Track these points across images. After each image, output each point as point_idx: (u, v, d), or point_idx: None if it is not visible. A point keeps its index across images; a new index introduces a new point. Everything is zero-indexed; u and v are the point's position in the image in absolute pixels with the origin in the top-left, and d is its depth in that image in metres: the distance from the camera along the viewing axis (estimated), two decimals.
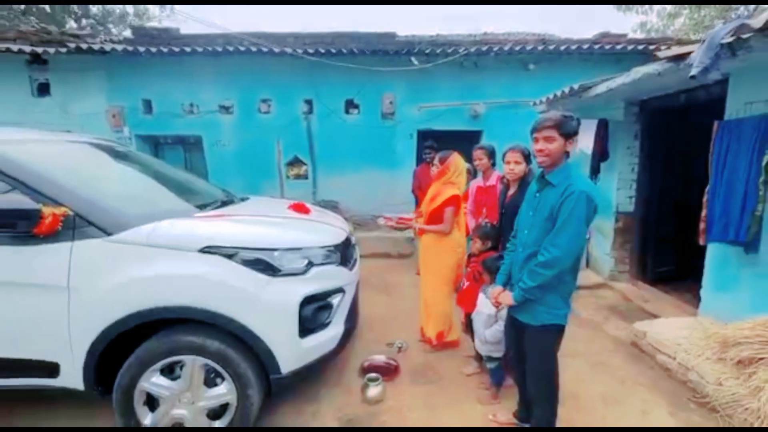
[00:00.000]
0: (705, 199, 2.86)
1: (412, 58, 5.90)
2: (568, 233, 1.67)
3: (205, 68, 6.19)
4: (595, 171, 4.26)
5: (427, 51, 5.88)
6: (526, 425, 2.13)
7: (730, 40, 2.23)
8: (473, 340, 2.65)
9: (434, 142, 5.10)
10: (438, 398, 2.51)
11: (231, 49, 5.73)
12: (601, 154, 4.20)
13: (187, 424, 1.97)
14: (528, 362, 1.93)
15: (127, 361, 1.90)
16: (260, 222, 2.39)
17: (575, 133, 1.75)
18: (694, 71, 2.30)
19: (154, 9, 24.07)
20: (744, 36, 2.17)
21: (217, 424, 2.00)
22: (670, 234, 4.38)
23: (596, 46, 5.85)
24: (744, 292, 2.75)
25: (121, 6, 23.16)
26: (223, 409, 2.00)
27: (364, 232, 6.47)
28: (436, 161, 2.97)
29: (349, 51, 5.84)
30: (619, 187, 4.32)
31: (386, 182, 6.46)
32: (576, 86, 3.87)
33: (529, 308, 1.84)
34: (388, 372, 2.73)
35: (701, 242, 2.93)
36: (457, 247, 2.85)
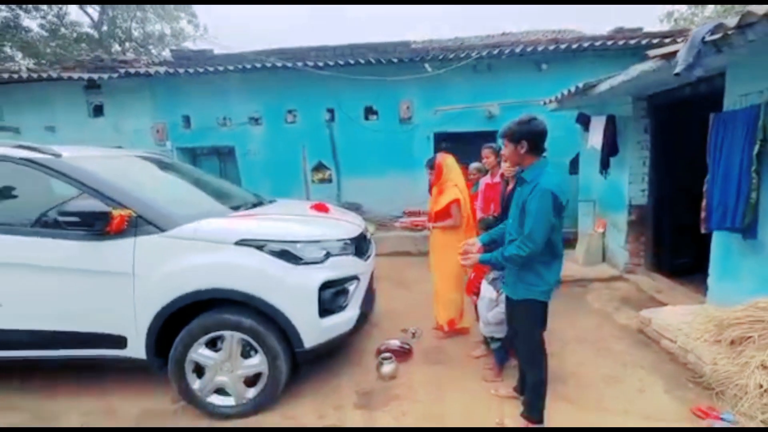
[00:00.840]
0: (705, 188, 2.96)
1: (426, 65, 6.17)
2: (538, 228, 1.89)
3: (236, 84, 6.76)
4: (605, 166, 4.36)
5: (441, 57, 6.14)
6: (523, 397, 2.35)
7: (714, 38, 2.38)
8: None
9: (449, 144, 5.35)
10: (446, 376, 2.77)
11: (258, 66, 6.24)
12: (610, 149, 4.30)
13: (228, 389, 2.35)
14: (516, 333, 2.17)
15: (179, 336, 2.30)
16: (285, 219, 2.76)
17: (527, 136, 1.96)
18: (678, 69, 2.45)
19: (189, 29, 25.57)
20: (728, 33, 2.31)
21: (252, 391, 2.36)
22: (686, 226, 4.38)
23: (610, 42, 5.89)
24: (745, 277, 2.82)
25: (159, 28, 24.78)
26: (256, 377, 2.36)
27: (385, 232, 6.79)
28: (426, 170, 3.25)
29: (366, 61, 6.19)
30: (631, 181, 4.39)
31: (406, 184, 6.75)
32: (580, 85, 4.01)
33: (512, 285, 2.11)
34: (402, 354, 3.00)
35: (702, 230, 3.02)
36: (462, 240, 3.10)
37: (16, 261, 2.27)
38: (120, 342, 2.33)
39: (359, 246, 2.82)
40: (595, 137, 4.47)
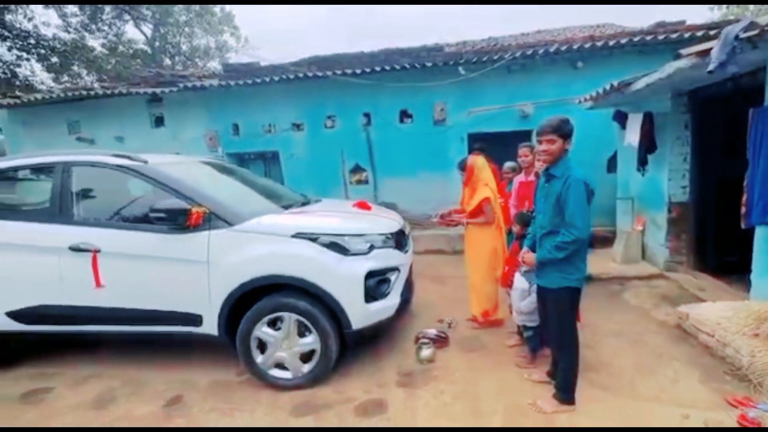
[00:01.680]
0: (745, 183, 2.95)
1: (460, 69, 6.33)
2: (579, 215, 2.08)
3: (279, 93, 7.25)
4: (642, 163, 4.35)
5: (474, 60, 6.29)
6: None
7: (750, 34, 2.42)
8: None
9: (483, 144, 5.49)
10: (481, 362, 2.96)
11: (301, 75, 6.68)
12: (648, 146, 4.29)
13: (286, 364, 2.67)
14: (549, 321, 2.33)
15: (245, 316, 2.65)
16: (333, 215, 3.08)
17: (571, 134, 2.16)
18: (711, 67, 2.50)
19: (231, 41, 27.04)
20: (766, 29, 2.35)
21: (307, 366, 2.68)
22: (732, 222, 4.27)
23: (650, 38, 5.78)
24: None
25: (205, 42, 26.40)
26: (310, 354, 2.67)
27: (420, 231, 7.00)
28: (457, 170, 3.44)
29: (401, 67, 6.45)
30: (670, 178, 4.34)
31: (440, 184, 6.93)
32: (615, 84, 4.05)
33: (547, 275, 2.26)
34: (439, 342, 3.22)
35: (743, 225, 3.01)
36: (494, 236, 3.29)
37: (115, 250, 2.71)
38: (197, 320, 2.73)
39: (399, 240, 3.07)
40: (633, 134, 4.46)
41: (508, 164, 4.28)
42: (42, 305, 2.83)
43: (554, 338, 2.37)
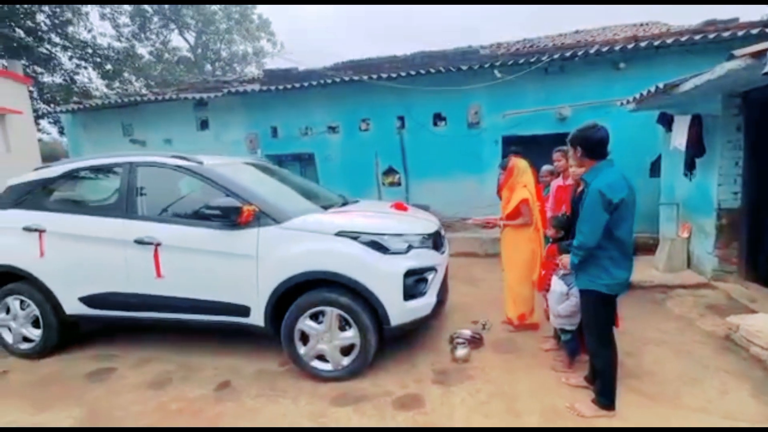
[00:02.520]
0: None
1: (495, 71, 6.31)
2: (586, 222, 2.16)
3: (316, 97, 7.50)
4: (689, 167, 4.18)
5: (511, 63, 6.25)
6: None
7: None
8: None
9: (518, 147, 5.46)
10: (516, 364, 2.97)
11: (338, 80, 6.88)
12: (696, 150, 4.12)
13: (327, 356, 2.80)
14: (582, 321, 2.36)
15: (289, 309, 2.81)
16: (373, 216, 3.19)
17: (581, 142, 2.22)
18: (767, 69, 2.41)
19: (268, 47, 28.05)
20: None
21: (346, 359, 2.80)
22: None
23: (698, 37, 5.54)
24: None
25: (243, 48, 27.53)
26: (350, 347, 2.79)
27: (453, 233, 7.01)
28: (499, 170, 3.47)
29: (436, 71, 6.52)
30: (720, 183, 4.14)
31: (473, 187, 6.93)
32: (660, 86, 3.92)
33: (579, 277, 2.32)
34: (473, 342, 3.26)
35: None
36: (532, 239, 3.29)
37: (174, 244, 2.95)
38: (245, 311, 2.91)
39: (435, 241, 3.14)
40: (679, 138, 4.30)
41: (546, 168, 4.24)
42: (110, 292, 3.12)
43: (588, 341, 2.38)
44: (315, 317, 2.81)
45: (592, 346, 2.34)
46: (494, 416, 2.37)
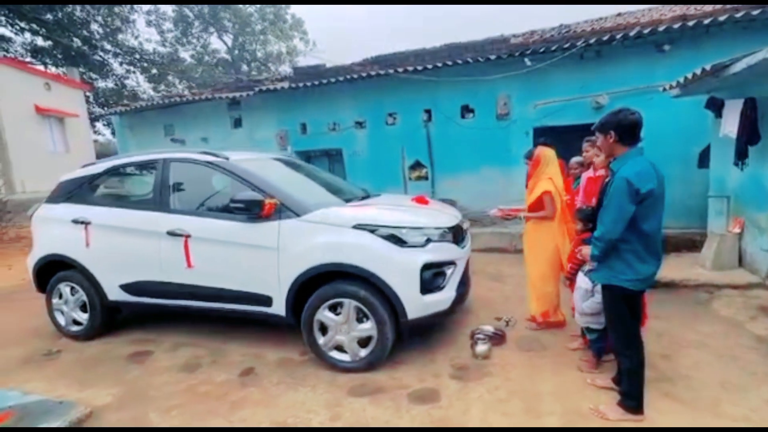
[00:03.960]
0: None
1: (526, 59, 6.06)
2: (609, 212, 2.03)
3: (343, 93, 7.56)
4: (741, 156, 3.82)
5: (542, 50, 5.98)
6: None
7: None
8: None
9: (547, 138, 5.23)
10: (540, 362, 2.87)
11: (364, 75, 6.90)
12: (749, 136, 3.76)
13: (345, 348, 2.84)
14: (605, 318, 2.25)
15: (309, 300, 2.87)
16: (392, 209, 3.19)
17: (615, 127, 2.07)
18: None
19: (300, 45, 28.63)
20: None
21: (364, 351, 2.82)
22: None
23: (756, 12, 5.01)
24: None
25: (277, 48, 28.29)
26: (368, 339, 2.81)
27: (480, 228, 6.86)
28: (525, 160, 3.33)
29: (463, 61, 6.36)
30: None
31: (501, 180, 6.72)
32: (707, 67, 3.60)
33: (599, 270, 2.20)
34: (495, 339, 3.18)
35: None
36: (555, 233, 3.14)
37: (202, 236, 3.10)
38: (268, 301, 3.01)
39: (456, 235, 3.09)
40: (730, 124, 3.93)
41: (575, 159, 4.04)
42: (146, 281, 3.33)
43: (612, 339, 2.26)
44: (334, 309, 2.85)
45: (617, 345, 2.22)
46: (512, 415, 2.30)
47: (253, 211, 2.88)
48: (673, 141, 5.72)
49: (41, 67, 17.12)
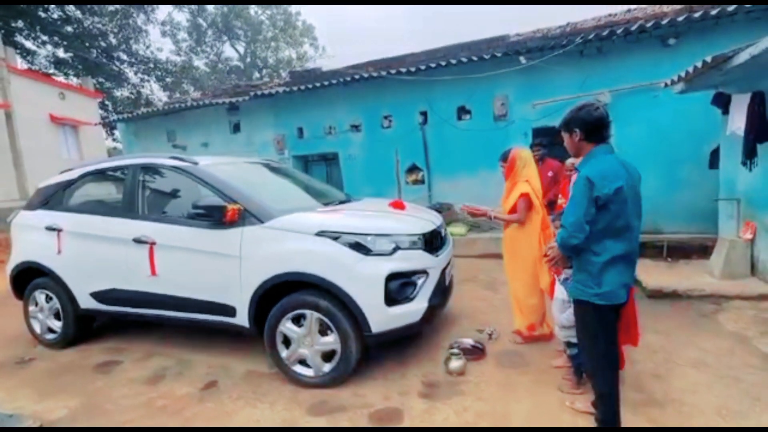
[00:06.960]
0: None
1: (521, 58, 5.83)
2: (568, 215, 1.84)
3: (339, 96, 7.46)
4: (749, 155, 3.51)
5: (540, 47, 5.73)
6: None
7: None
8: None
9: (544, 139, 4.98)
10: (518, 381, 2.64)
11: (357, 77, 6.78)
12: (757, 133, 3.44)
13: (308, 362, 2.69)
14: (576, 336, 2.02)
15: (272, 311, 2.73)
16: (361, 215, 3.03)
17: (579, 124, 1.90)
18: None
19: (310, 51, 28.91)
20: None
21: (328, 365, 2.66)
22: None
23: None
24: None
25: (288, 54, 28.60)
26: (332, 354, 2.65)
27: (479, 233, 6.63)
28: (499, 162, 3.12)
29: (458, 61, 6.17)
30: None
31: (499, 183, 6.40)
32: (709, 59, 3.31)
33: (570, 285, 2.00)
34: (474, 353, 2.97)
35: None
36: (533, 242, 2.91)
37: (167, 243, 3.01)
38: (232, 311, 2.88)
39: (431, 242, 2.90)
40: (737, 120, 3.63)
41: (570, 161, 3.81)
42: (114, 289, 3.26)
43: (583, 355, 2.04)
44: (297, 321, 2.71)
45: (588, 365, 2.01)
46: None
47: (215, 217, 2.77)
48: (682, 140, 5.39)
49: (62, 78, 17.75)
